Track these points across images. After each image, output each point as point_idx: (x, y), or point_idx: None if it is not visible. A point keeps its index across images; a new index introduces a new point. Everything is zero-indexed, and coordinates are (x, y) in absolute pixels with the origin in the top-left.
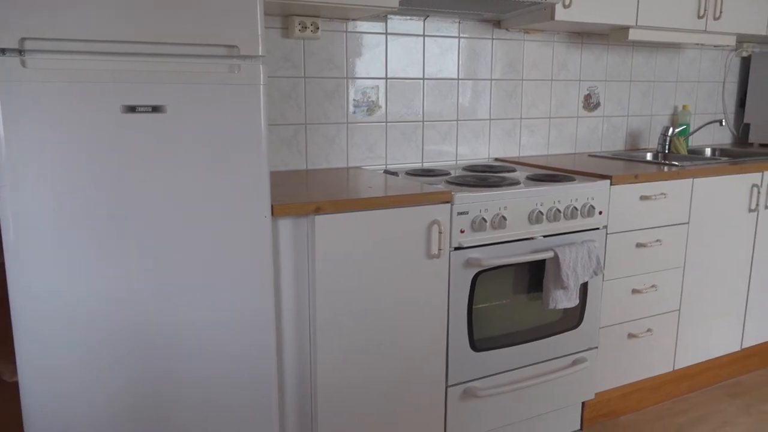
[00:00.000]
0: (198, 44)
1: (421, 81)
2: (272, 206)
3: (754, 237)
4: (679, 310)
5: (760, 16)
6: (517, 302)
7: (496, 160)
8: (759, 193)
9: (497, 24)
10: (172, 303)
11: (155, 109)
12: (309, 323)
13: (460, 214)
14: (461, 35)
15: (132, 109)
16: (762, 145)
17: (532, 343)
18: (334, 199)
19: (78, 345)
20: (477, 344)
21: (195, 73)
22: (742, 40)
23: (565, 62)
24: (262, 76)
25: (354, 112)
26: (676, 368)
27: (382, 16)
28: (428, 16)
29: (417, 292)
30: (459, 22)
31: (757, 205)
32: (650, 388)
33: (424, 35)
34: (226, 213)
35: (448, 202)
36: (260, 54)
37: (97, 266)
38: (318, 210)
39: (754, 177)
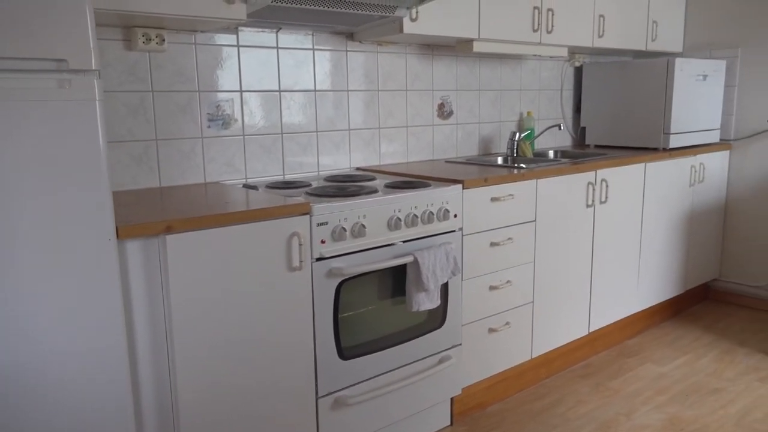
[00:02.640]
0: (21, 58)
1: (278, 93)
2: (117, 228)
3: (593, 230)
4: (533, 302)
5: (587, 31)
6: (383, 308)
7: (358, 169)
8: (594, 190)
9: (350, 36)
10: (6, 343)
11: None
12: (167, 351)
13: (319, 224)
14: (316, 47)
15: None
16: (597, 147)
17: (399, 346)
18: (186, 217)
19: None
20: (345, 353)
21: (20, 89)
22: (573, 51)
23: (418, 73)
24: (97, 90)
25: (209, 126)
26: (534, 356)
27: (232, 28)
28: (281, 29)
29: (281, 306)
30: (312, 35)
31: (593, 201)
32: (513, 377)
33: (277, 47)
34: (65, 238)
35: (306, 213)
36: (93, 68)
37: None
38: (169, 229)
39: (589, 176)
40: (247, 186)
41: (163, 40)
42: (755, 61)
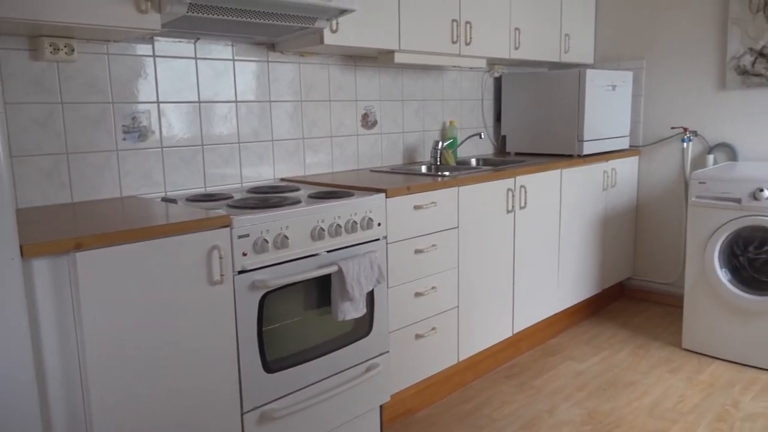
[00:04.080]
0: None
1: (197, 104)
2: (21, 247)
3: (514, 235)
4: (458, 306)
5: (504, 43)
6: (309, 319)
7: (282, 180)
8: (513, 196)
9: (272, 47)
10: None
11: None
12: (80, 375)
13: (241, 237)
14: (236, 58)
15: None
16: (518, 154)
17: (326, 356)
18: (98, 233)
19: None
20: (270, 366)
21: None
22: (492, 62)
23: (341, 84)
24: None
25: (124, 139)
26: (460, 360)
27: (147, 38)
28: (199, 39)
29: (202, 322)
30: (232, 45)
31: (513, 206)
32: (440, 382)
33: (196, 58)
34: None
35: (227, 226)
36: None
37: None
38: (79, 246)
39: (508, 182)
40: (166, 199)
41: (73, 50)
42: (658, 71)
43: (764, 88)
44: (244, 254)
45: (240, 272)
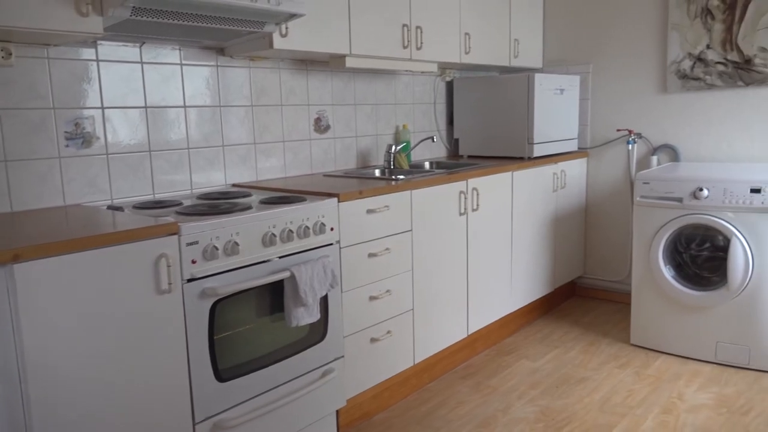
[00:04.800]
0: None
1: (144, 110)
2: None
3: (467, 237)
4: (413, 309)
5: (455, 47)
6: (262, 325)
7: (234, 185)
8: (466, 198)
9: (221, 51)
10: None
11: None
12: (21, 396)
13: (189, 244)
14: (184, 62)
15: None
16: (470, 157)
17: (280, 363)
18: (38, 244)
19: None
20: (222, 374)
21: None
22: (444, 67)
23: (293, 88)
24: None
25: (67, 146)
26: (416, 362)
27: (90, 41)
28: (144, 43)
29: (150, 332)
30: (180, 50)
31: (466, 209)
32: (397, 385)
33: (142, 62)
34: None
35: (175, 233)
36: None
37: None
38: (17, 258)
39: (461, 185)
40: (111, 207)
41: (10, 53)
42: (604, 75)
43: (703, 92)
44: (194, 262)
45: (189, 280)
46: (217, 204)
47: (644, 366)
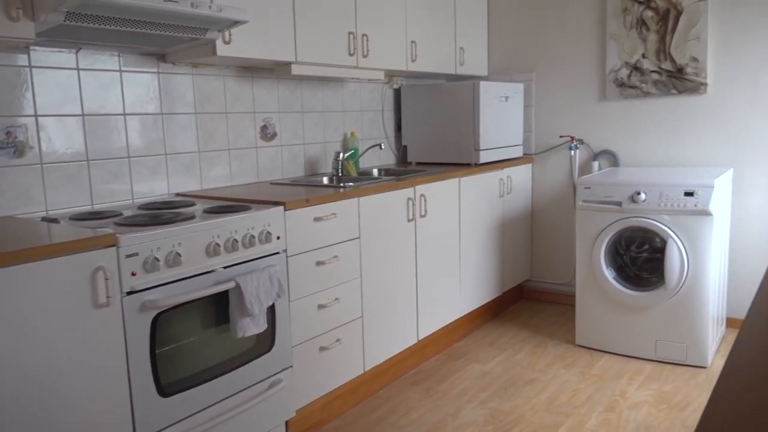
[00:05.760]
0: None
1: (81, 117)
2: None
3: (415, 243)
4: (362, 316)
5: (401, 55)
6: (207, 337)
7: (178, 195)
8: (414, 205)
9: (162, 58)
10: None
11: None
12: None
13: (128, 256)
14: (123, 69)
15: None
16: (419, 164)
17: (226, 375)
18: None
19: None
20: (165, 389)
21: None
22: (391, 74)
23: (238, 95)
24: None
25: None
26: (366, 370)
27: (22, 47)
28: (81, 49)
29: (88, 347)
30: (119, 56)
31: (414, 215)
32: (347, 393)
33: (78, 69)
34: None
35: (113, 245)
36: None
37: None
38: None
39: (408, 192)
40: (46, 219)
41: None
42: (547, 83)
43: (639, 99)
44: (133, 274)
45: (129, 293)
46: (159, 214)
47: (589, 366)
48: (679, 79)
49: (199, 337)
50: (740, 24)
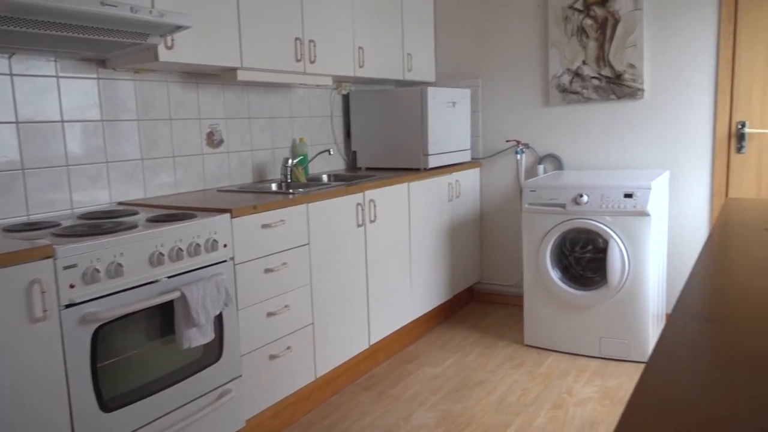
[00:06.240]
0: None
1: (15, 125)
2: None
3: (365, 248)
4: (313, 323)
5: (349, 61)
6: (152, 349)
7: (120, 204)
8: (363, 210)
9: (102, 63)
10: None
11: None
12: None
13: (66, 268)
14: (60, 75)
15: None
16: (369, 169)
17: (172, 387)
18: None
19: None
20: (108, 404)
21: None
22: (339, 80)
23: (182, 101)
24: None
25: None
26: (318, 376)
27: None
28: (14, 54)
29: (24, 363)
30: (56, 61)
31: (363, 220)
32: (299, 400)
33: (11, 74)
34: None
35: (49, 257)
36: None
37: None
38: None
39: (358, 197)
40: None
41: None
42: (493, 89)
43: (581, 104)
44: (72, 286)
45: (67, 306)
46: (100, 224)
47: (537, 365)
48: (618, 85)
49: (143, 349)
50: (673, 32)
